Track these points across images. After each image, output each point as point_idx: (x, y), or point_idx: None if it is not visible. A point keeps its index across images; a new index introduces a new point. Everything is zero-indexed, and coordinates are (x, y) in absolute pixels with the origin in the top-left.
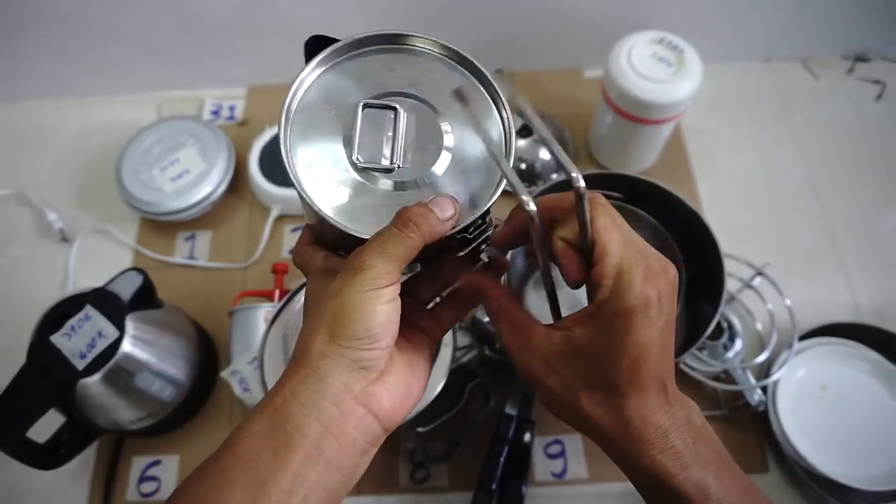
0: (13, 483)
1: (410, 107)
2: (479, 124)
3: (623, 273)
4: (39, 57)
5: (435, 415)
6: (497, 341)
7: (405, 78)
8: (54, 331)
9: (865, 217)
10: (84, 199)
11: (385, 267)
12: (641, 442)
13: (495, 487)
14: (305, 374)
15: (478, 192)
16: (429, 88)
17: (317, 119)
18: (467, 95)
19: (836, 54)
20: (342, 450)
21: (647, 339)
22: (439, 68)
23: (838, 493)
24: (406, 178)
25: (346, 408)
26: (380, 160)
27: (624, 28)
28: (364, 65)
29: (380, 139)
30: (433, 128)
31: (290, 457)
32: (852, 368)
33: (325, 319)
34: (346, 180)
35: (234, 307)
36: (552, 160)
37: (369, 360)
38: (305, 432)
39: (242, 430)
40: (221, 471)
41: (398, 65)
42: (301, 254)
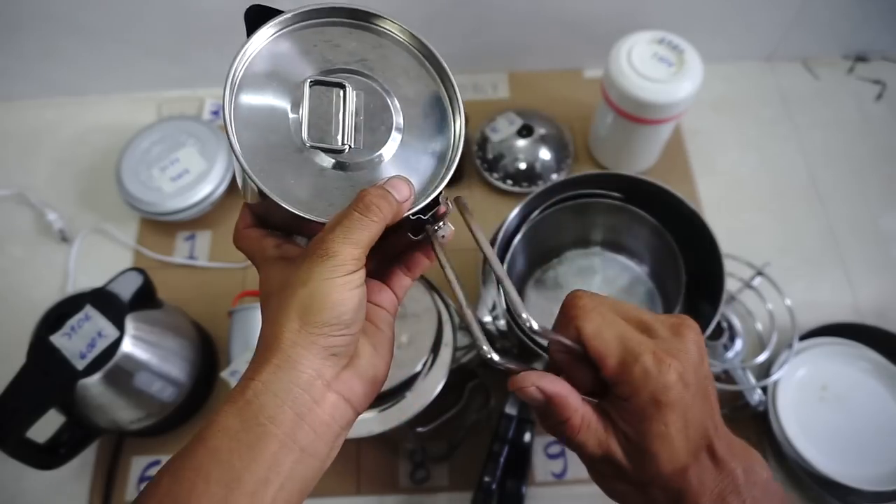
0: (13, 483)
1: (358, 84)
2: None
3: (630, 369)
4: (40, 57)
5: (435, 415)
6: (497, 341)
7: (352, 54)
8: (54, 331)
9: (866, 217)
10: (84, 199)
11: (352, 253)
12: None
13: (495, 487)
14: (277, 364)
15: (429, 171)
16: (377, 65)
17: (262, 95)
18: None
19: (836, 54)
20: (317, 437)
21: (676, 421)
22: (386, 45)
23: (838, 493)
24: (357, 158)
25: (318, 395)
26: (330, 140)
27: (624, 28)
28: (309, 38)
29: (329, 118)
30: (383, 107)
31: (265, 447)
32: (853, 368)
33: (295, 308)
34: (294, 161)
35: (234, 307)
36: (552, 160)
37: (340, 347)
38: (279, 421)
39: (214, 425)
40: (195, 467)
41: (344, 40)
42: (246, 239)
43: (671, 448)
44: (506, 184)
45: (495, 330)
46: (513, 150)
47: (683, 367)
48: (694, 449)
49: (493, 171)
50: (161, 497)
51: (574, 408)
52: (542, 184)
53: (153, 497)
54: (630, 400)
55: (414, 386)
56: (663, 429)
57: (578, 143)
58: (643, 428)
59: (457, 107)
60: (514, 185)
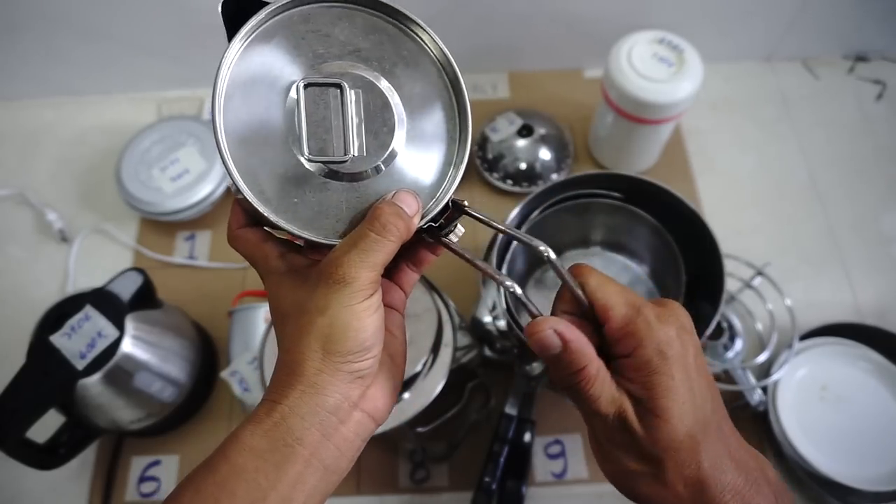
0: (13, 483)
1: (355, 81)
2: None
3: (634, 320)
4: (40, 57)
5: (435, 415)
6: (497, 341)
7: (344, 45)
8: (54, 331)
9: (866, 217)
10: (84, 199)
11: (369, 276)
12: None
13: (495, 487)
14: (302, 389)
15: (437, 172)
16: (372, 55)
17: (253, 104)
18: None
19: (836, 54)
20: (340, 454)
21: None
22: (379, 29)
23: (838, 493)
24: (361, 166)
25: (344, 416)
26: (331, 151)
27: (624, 28)
28: (296, 28)
29: (327, 125)
30: (383, 105)
31: (291, 467)
32: (853, 368)
33: (315, 337)
34: (295, 176)
35: (233, 307)
36: (552, 160)
37: (365, 370)
38: (306, 442)
39: (240, 443)
40: (220, 483)
41: (334, 28)
42: (241, 241)
43: (680, 403)
44: (506, 184)
45: (495, 330)
46: (513, 150)
47: (682, 326)
48: (703, 421)
49: (493, 171)
50: None
51: (591, 357)
52: (542, 184)
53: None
54: (635, 354)
55: (414, 386)
56: (671, 382)
57: (578, 143)
58: (651, 381)
59: (462, 94)
60: (514, 185)
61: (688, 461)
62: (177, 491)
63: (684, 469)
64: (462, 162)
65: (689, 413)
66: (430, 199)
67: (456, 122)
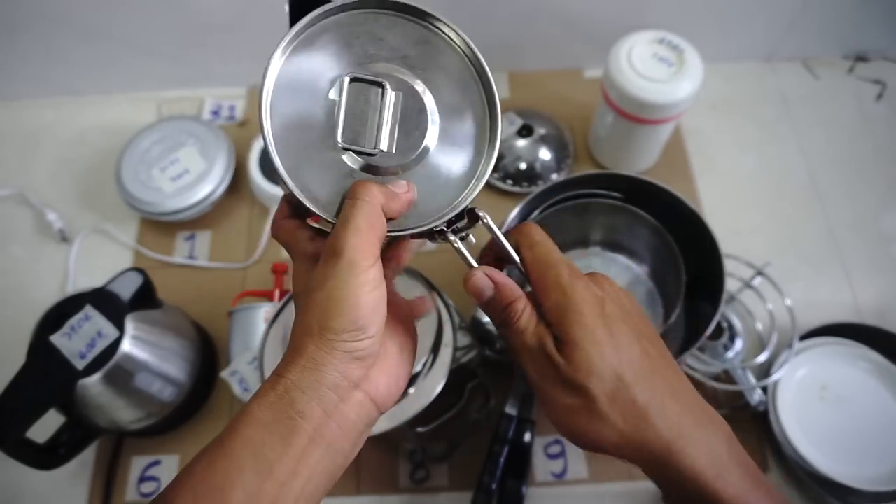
0: (13, 483)
1: (398, 83)
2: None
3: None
4: (40, 56)
5: (435, 415)
6: (497, 341)
7: (395, 50)
8: (54, 331)
9: (866, 217)
10: (84, 199)
11: (356, 242)
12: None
13: (495, 487)
14: (303, 365)
15: (458, 182)
16: (418, 63)
17: (300, 96)
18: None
19: (836, 54)
20: (343, 433)
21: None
22: (430, 41)
23: (839, 493)
24: (388, 162)
25: (344, 394)
26: (362, 142)
27: (624, 28)
28: (353, 28)
29: (364, 119)
30: (420, 110)
31: (296, 440)
32: (853, 368)
33: (314, 313)
34: (325, 159)
35: (233, 307)
36: (552, 160)
37: (361, 351)
38: (308, 416)
39: (248, 416)
40: (229, 454)
41: (388, 33)
42: (283, 228)
43: (591, 333)
44: (506, 184)
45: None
46: (513, 150)
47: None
48: (630, 363)
49: (494, 171)
50: (196, 483)
51: (518, 294)
52: (542, 184)
53: (187, 483)
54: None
55: (414, 386)
56: (579, 317)
57: (578, 143)
58: (562, 317)
59: (496, 117)
60: (514, 185)
61: (619, 394)
62: (190, 465)
63: (617, 401)
64: (485, 175)
65: (608, 351)
66: (449, 205)
67: (487, 138)
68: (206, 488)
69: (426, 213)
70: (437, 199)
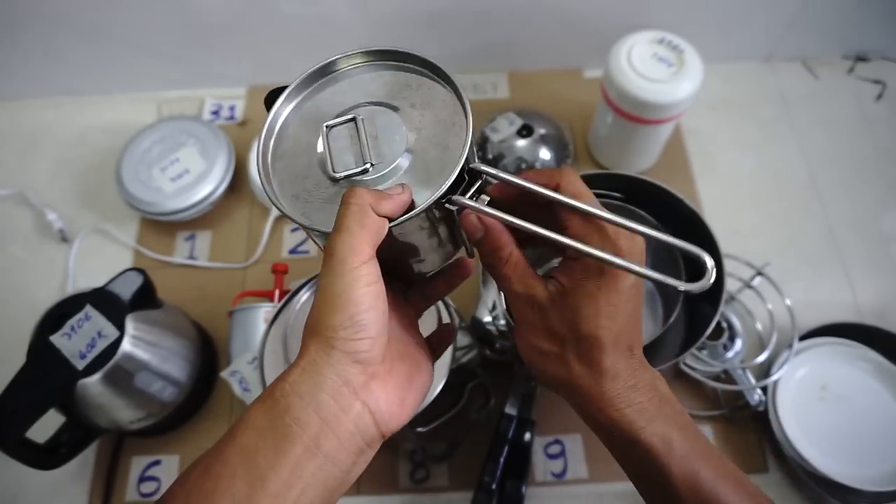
0: (13, 483)
1: (369, 113)
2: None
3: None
4: (40, 56)
5: (435, 415)
6: (497, 341)
7: (357, 92)
8: (54, 331)
9: (866, 217)
10: (84, 199)
11: (346, 242)
12: (612, 397)
13: (495, 487)
14: (303, 367)
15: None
16: (380, 91)
17: (292, 154)
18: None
19: (836, 54)
20: (340, 445)
21: (620, 297)
22: (384, 72)
23: (838, 493)
24: (382, 171)
25: (344, 402)
26: (353, 165)
27: (624, 28)
28: (319, 97)
29: (347, 148)
30: (392, 120)
31: (290, 449)
32: (853, 368)
33: (313, 314)
34: (330, 196)
35: (234, 307)
36: (552, 160)
37: (361, 352)
38: (304, 425)
39: (244, 422)
40: (224, 461)
41: (349, 86)
42: None
43: (594, 309)
44: None
45: (495, 330)
46: (513, 150)
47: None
48: (626, 333)
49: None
50: (190, 489)
51: (505, 242)
52: None
53: (182, 489)
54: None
55: None
56: (595, 291)
57: (578, 143)
58: (577, 283)
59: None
60: None
61: (587, 353)
62: (187, 470)
63: (582, 358)
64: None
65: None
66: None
67: (461, 116)
68: (198, 495)
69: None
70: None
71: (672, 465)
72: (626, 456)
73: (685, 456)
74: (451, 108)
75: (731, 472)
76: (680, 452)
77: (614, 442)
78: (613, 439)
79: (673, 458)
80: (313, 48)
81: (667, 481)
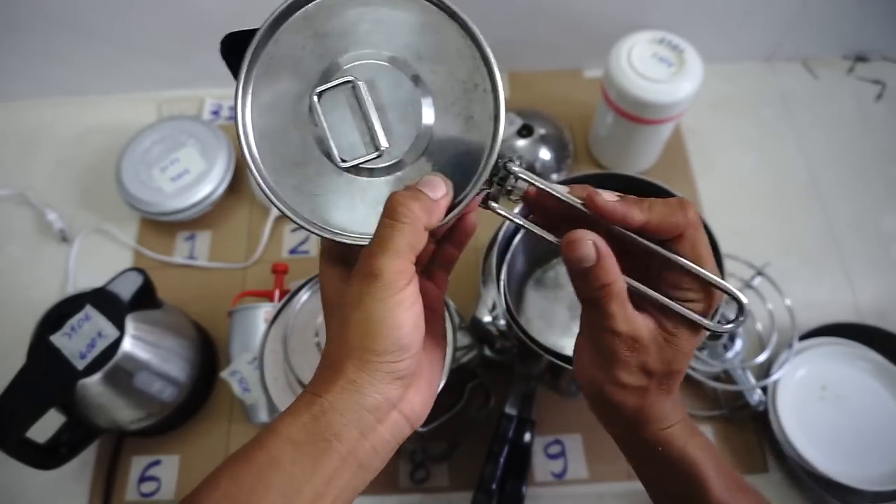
0: (13, 483)
1: (368, 71)
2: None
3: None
4: (40, 56)
5: (435, 415)
6: (497, 341)
7: (343, 35)
8: (54, 331)
9: (866, 217)
10: (84, 199)
11: (395, 265)
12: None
13: (495, 487)
14: (342, 385)
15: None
16: (375, 35)
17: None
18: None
19: (836, 54)
20: (376, 454)
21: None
22: (375, 3)
23: (838, 493)
24: (398, 155)
25: (382, 415)
26: (363, 150)
27: (624, 28)
28: (293, 41)
29: (349, 125)
30: (402, 83)
31: (328, 462)
32: (853, 368)
33: (353, 333)
34: (341, 185)
35: (234, 307)
36: (552, 160)
37: (403, 371)
38: (344, 438)
39: (277, 434)
40: (255, 472)
41: (327, 24)
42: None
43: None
44: None
45: (495, 330)
46: (513, 150)
47: None
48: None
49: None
50: (219, 498)
51: (617, 274)
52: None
53: (212, 495)
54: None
55: None
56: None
57: (578, 143)
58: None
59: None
60: None
61: (668, 384)
62: (213, 477)
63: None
64: (500, 115)
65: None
66: (479, 166)
67: (484, 74)
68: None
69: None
70: (464, 169)
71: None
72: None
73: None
74: (469, 62)
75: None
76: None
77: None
78: (661, 458)
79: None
80: None
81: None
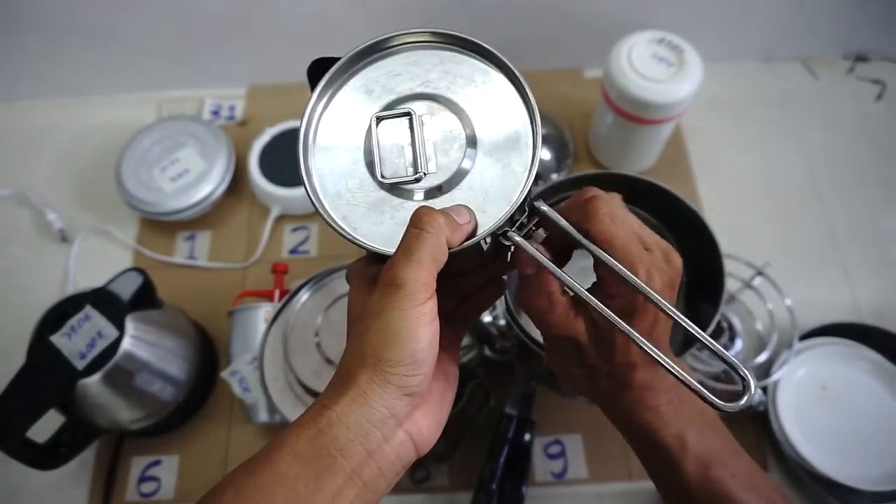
0: (13, 483)
1: (426, 108)
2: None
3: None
4: (40, 57)
5: None
6: (497, 341)
7: (414, 79)
8: (54, 331)
9: (866, 217)
10: (84, 199)
11: (418, 275)
12: (632, 402)
13: (495, 487)
14: (352, 397)
15: (509, 183)
16: (441, 83)
17: (334, 144)
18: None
19: (836, 54)
20: (381, 474)
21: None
22: (447, 58)
23: (838, 493)
24: (435, 183)
25: (388, 433)
26: (404, 172)
27: (624, 28)
28: (369, 75)
29: (399, 149)
30: (452, 124)
31: (332, 480)
32: (853, 368)
33: (370, 343)
34: (376, 201)
35: (234, 307)
36: (552, 160)
37: (414, 387)
38: (349, 455)
39: (283, 448)
40: (260, 487)
41: (404, 67)
42: (351, 267)
43: (628, 342)
44: None
45: (495, 330)
46: None
47: (663, 287)
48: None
49: None
50: None
51: (556, 288)
52: (542, 184)
53: None
54: (616, 298)
55: None
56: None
57: (578, 143)
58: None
59: (530, 105)
60: None
61: (619, 376)
62: (217, 490)
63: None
64: (533, 167)
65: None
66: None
67: (529, 132)
68: None
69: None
70: (491, 208)
71: (685, 464)
72: (647, 457)
73: (699, 455)
74: (519, 119)
75: (745, 471)
76: (694, 452)
77: (637, 444)
78: (636, 442)
79: (686, 457)
80: (313, 47)
81: (680, 481)
